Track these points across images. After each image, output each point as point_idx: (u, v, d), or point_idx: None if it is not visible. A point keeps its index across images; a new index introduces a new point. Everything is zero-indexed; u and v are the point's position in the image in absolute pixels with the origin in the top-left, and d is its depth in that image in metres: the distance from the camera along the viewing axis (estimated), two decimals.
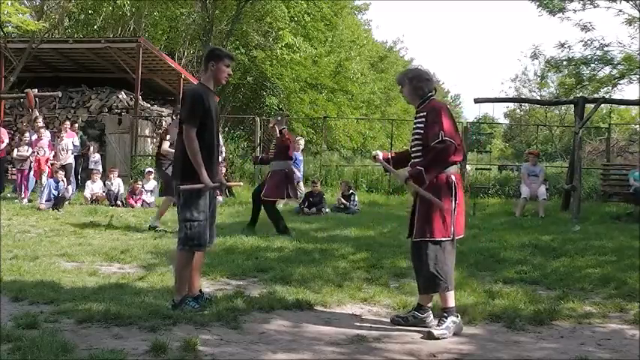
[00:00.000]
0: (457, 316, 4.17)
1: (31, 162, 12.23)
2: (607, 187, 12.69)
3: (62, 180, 11.35)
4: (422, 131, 4.19)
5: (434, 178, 4.10)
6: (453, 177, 4.14)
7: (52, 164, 12.18)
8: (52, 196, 10.97)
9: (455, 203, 4.13)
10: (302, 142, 14.74)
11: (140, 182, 12.50)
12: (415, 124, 4.31)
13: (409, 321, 4.28)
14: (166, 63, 17.52)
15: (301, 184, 13.51)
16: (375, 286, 5.39)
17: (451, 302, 4.18)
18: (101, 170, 13.51)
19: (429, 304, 4.32)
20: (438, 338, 4.00)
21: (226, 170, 14.49)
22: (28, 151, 12.40)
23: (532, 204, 11.85)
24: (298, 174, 12.84)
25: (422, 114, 4.25)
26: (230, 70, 4.62)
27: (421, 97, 4.28)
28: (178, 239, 4.49)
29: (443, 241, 4.12)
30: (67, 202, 11.27)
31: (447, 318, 4.11)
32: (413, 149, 4.31)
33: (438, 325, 4.11)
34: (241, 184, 10.08)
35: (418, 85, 4.28)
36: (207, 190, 4.45)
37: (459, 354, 3.75)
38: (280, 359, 3.56)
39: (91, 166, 13.72)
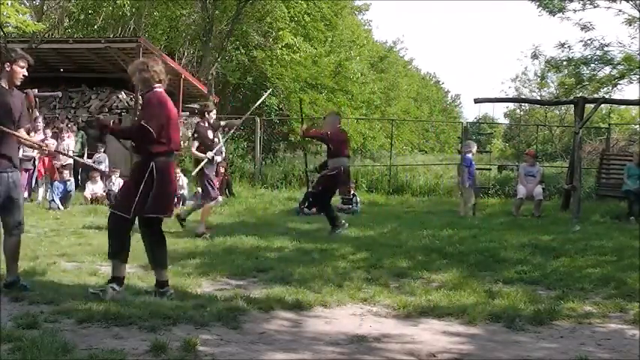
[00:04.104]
0: (118, 287, 4.60)
1: (35, 161, 12.21)
2: (603, 184, 12.79)
3: (69, 179, 11.46)
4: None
5: (140, 162, 4.66)
6: (152, 164, 4.56)
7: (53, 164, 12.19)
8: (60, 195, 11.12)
9: (143, 186, 4.54)
10: (474, 147, 12.43)
11: None
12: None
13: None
14: (166, 63, 17.50)
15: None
16: (375, 286, 5.39)
17: (116, 272, 4.64)
18: (104, 170, 13.42)
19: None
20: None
21: (226, 170, 14.46)
22: (33, 151, 12.37)
23: (530, 204, 11.87)
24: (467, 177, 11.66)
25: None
26: (25, 71, 4.83)
27: (148, 88, 4.73)
28: None
29: (119, 214, 4.63)
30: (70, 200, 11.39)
31: (109, 285, 4.58)
32: None
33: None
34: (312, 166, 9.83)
35: (146, 76, 4.72)
36: None
37: (459, 354, 3.75)
38: (280, 359, 3.56)
39: (100, 167, 13.59)
